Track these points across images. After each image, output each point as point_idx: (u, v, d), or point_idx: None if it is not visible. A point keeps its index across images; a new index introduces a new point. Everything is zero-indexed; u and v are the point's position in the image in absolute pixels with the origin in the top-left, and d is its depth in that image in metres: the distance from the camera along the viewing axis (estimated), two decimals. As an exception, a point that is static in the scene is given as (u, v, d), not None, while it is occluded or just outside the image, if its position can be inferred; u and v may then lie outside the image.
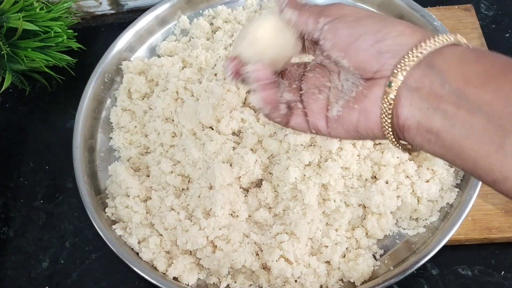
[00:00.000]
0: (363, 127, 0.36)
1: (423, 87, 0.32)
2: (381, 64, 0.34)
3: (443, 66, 0.32)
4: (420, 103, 0.32)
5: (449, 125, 0.31)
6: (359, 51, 0.34)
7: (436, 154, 0.33)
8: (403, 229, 0.56)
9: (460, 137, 0.31)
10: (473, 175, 0.32)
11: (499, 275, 0.56)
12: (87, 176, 0.59)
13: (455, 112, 0.31)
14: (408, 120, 0.33)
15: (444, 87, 0.31)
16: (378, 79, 0.34)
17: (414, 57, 0.32)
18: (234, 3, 0.71)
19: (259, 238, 0.54)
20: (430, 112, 0.32)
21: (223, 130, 0.58)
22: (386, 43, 0.33)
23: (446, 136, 0.31)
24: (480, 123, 0.30)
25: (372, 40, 0.34)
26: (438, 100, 0.31)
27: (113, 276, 0.59)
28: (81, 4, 0.76)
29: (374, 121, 0.35)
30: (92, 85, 0.64)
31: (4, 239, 0.63)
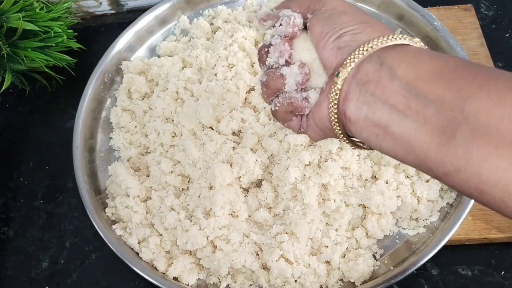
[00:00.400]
0: (317, 118, 0.36)
1: (372, 82, 0.32)
2: (338, 60, 0.34)
3: (394, 62, 0.32)
4: (367, 97, 0.33)
5: (399, 119, 0.31)
6: (324, 48, 0.35)
7: (384, 150, 0.33)
8: (403, 229, 0.56)
9: (411, 130, 0.31)
10: (423, 169, 0.32)
11: (499, 275, 0.56)
12: (87, 176, 0.59)
13: (405, 106, 0.31)
14: (354, 114, 0.33)
15: (394, 82, 0.31)
16: (333, 75, 0.35)
17: (364, 50, 0.33)
18: (234, 3, 0.71)
19: (259, 238, 0.54)
20: (378, 106, 0.32)
21: (223, 130, 0.58)
22: (345, 39, 0.34)
23: (396, 130, 0.31)
24: (431, 116, 0.30)
25: (335, 36, 0.35)
26: (387, 94, 0.32)
27: (113, 276, 0.59)
28: (81, 4, 0.76)
29: (323, 112, 0.36)
30: (92, 85, 0.64)
31: (4, 239, 0.63)
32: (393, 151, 0.33)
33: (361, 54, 0.33)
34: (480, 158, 0.28)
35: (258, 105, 0.60)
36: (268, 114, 0.59)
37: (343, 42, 0.34)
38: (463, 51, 0.60)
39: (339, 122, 0.35)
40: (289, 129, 0.41)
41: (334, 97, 0.34)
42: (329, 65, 0.35)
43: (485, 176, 0.28)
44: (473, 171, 0.28)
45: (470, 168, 0.28)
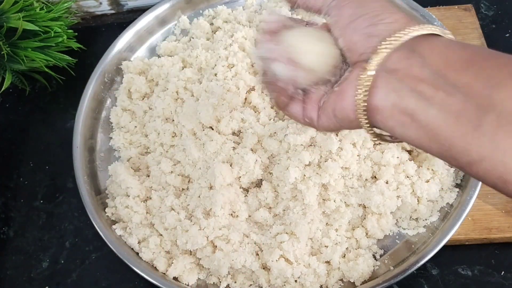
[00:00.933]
0: (339, 109, 0.35)
1: (401, 69, 0.32)
2: (366, 47, 0.34)
3: (425, 51, 0.32)
4: (396, 84, 0.32)
5: (425, 106, 0.31)
6: (354, 32, 0.35)
7: (409, 139, 0.33)
8: (403, 229, 0.56)
9: (437, 118, 0.30)
10: (446, 158, 0.31)
11: (499, 275, 0.56)
12: (87, 176, 0.59)
13: (433, 93, 0.30)
14: (382, 101, 0.33)
15: (423, 70, 0.31)
16: (361, 62, 0.34)
17: (398, 37, 0.32)
18: (234, 3, 0.71)
19: (259, 238, 0.54)
20: (406, 93, 0.32)
21: (223, 130, 0.58)
22: (378, 28, 0.34)
23: (422, 118, 0.31)
24: (458, 104, 0.29)
25: (368, 22, 0.34)
26: (415, 82, 0.31)
27: (113, 276, 0.59)
28: (81, 4, 0.76)
29: (347, 102, 0.35)
30: (92, 85, 0.64)
31: (4, 239, 0.63)
32: (418, 140, 0.32)
33: (395, 41, 0.32)
34: (506, 147, 0.27)
35: (258, 105, 0.60)
36: (268, 114, 0.59)
37: (377, 31, 0.33)
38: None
39: (366, 112, 0.34)
40: (293, 119, 0.40)
41: (364, 84, 0.33)
42: (354, 49, 0.35)
43: (510, 165, 0.28)
44: (498, 160, 0.28)
45: (495, 157, 0.28)
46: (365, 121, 0.35)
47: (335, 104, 0.36)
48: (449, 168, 0.56)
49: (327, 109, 0.37)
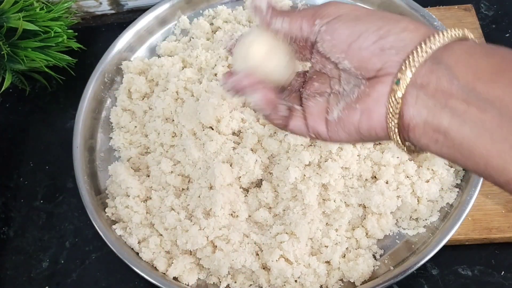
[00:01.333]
0: (365, 127, 0.34)
1: (430, 84, 0.30)
2: (384, 62, 0.32)
3: (451, 61, 0.30)
4: (426, 100, 0.31)
5: (458, 123, 0.29)
6: (360, 50, 0.33)
7: (444, 156, 0.32)
8: (403, 229, 0.56)
9: (471, 135, 0.29)
10: (484, 177, 0.30)
11: (499, 275, 0.56)
12: (87, 176, 0.59)
13: (465, 109, 0.29)
14: (413, 119, 0.31)
15: (452, 83, 0.30)
16: (382, 77, 0.33)
17: (424, 52, 0.31)
18: (234, 3, 0.71)
19: (259, 238, 0.54)
20: (438, 110, 0.30)
21: (223, 130, 0.58)
22: (389, 40, 0.32)
23: (455, 135, 0.30)
24: (492, 120, 0.28)
25: (374, 37, 0.32)
26: (446, 97, 0.30)
27: (113, 276, 0.59)
28: (81, 4, 0.76)
29: (377, 121, 0.33)
30: (92, 85, 0.64)
31: (4, 239, 0.63)
32: (453, 157, 0.31)
33: (421, 57, 0.31)
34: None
35: (258, 105, 0.60)
36: (268, 114, 0.59)
37: (388, 43, 0.32)
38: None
39: (399, 130, 0.33)
40: (298, 135, 0.39)
41: (395, 106, 0.32)
42: (368, 66, 0.33)
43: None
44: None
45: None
46: (397, 139, 0.33)
47: (361, 122, 0.34)
48: (449, 168, 0.56)
49: (348, 126, 0.35)
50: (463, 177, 0.56)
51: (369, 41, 0.33)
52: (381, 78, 0.33)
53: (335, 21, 0.34)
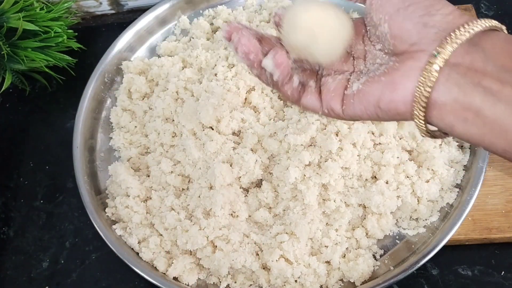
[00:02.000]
0: (387, 100, 0.34)
1: (463, 63, 0.31)
2: (421, 37, 0.32)
3: (487, 45, 0.31)
4: (458, 78, 0.31)
5: (492, 102, 0.30)
6: (405, 19, 0.33)
7: (469, 135, 0.32)
8: (403, 229, 0.56)
9: (505, 113, 0.29)
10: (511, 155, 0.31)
11: (499, 275, 0.56)
12: (87, 176, 0.59)
13: (499, 89, 0.30)
14: (442, 97, 0.32)
15: (487, 64, 0.30)
16: (413, 52, 0.33)
17: (466, 32, 0.31)
18: (234, 3, 0.71)
19: (259, 238, 0.54)
20: (469, 88, 0.30)
21: (223, 130, 0.58)
22: (435, 18, 0.32)
23: (489, 113, 0.30)
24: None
25: (422, 11, 0.33)
26: (479, 76, 0.30)
27: (113, 276, 0.59)
28: (81, 4, 0.76)
29: (401, 95, 0.33)
30: (92, 85, 0.64)
31: (4, 239, 0.63)
32: (481, 137, 0.31)
33: (463, 35, 0.31)
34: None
35: (258, 105, 0.60)
36: (268, 114, 0.59)
37: (433, 21, 0.32)
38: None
39: (425, 106, 0.32)
40: (309, 111, 0.38)
41: (428, 80, 0.31)
42: (405, 37, 0.33)
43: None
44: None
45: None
46: (421, 116, 0.33)
47: (382, 95, 0.34)
48: (449, 168, 0.56)
49: (367, 99, 0.35)
50: (463, 177, 0.56)
51: (417, 13, 0.33)
52: (412, 53, 0.33)
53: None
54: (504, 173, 0.59)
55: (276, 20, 0.38)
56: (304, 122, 0.55)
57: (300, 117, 0.56)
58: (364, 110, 0.35)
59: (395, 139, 0.57)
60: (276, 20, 0.38)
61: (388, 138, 0.56)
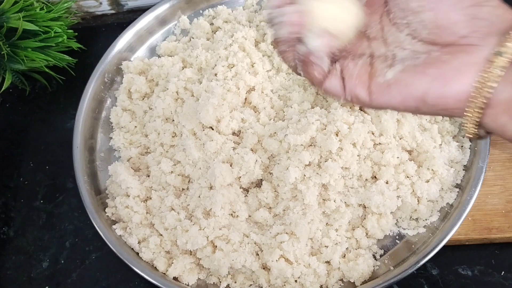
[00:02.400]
0: (435, 95, 0.32)
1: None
2: (471, 30, 0.31)
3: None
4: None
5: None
6: (452, 9, 0.32)
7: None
8: (403, 229, 0.56)
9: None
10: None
11: (499, 275, 0.56)
12: (87, 176, 0.59)
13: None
14: (498, 95, 0.30)
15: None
16: (465, 46, 0.31)
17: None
18: (234, 3, 0.71)
19: (259, 238, 0.54)
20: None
21: (223, 130, 0.58)
22: (484, 10, 0.31)
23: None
24: None
25: (470, 1, 0.31)
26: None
27: (113, 276, 0.59)
28: (81, 4, 0.76)
29: (454, 90, 0.31)
30: (92, 85, 0.64)
31: (4, 239, 0.63)
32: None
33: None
34: None
35: (258, 105, 0.60)
36: (268, 114, 0.59)
37: (483, 13, 0.31)
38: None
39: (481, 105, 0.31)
40: (331, 96, 0.37)
41: (491, 78, 0.30)
42: (452, 29, 0.32)
43: None
44: None
45: None
46: (476, 116, 0.32)
47: (431, 88, 0.32)
48: (449, 168, 0.56)
49: (409, 90, 0.33)
50: (463, 177, 0.56)
51: (464, 4, 0.32)
52: (464, 47, 0.32)
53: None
54: (504, 173, 0.59)
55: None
56: (304, 122, 0.55)
57: (300, 117, 0.56)
58: (401, 102, 0.34)
59: (395, 139, 0.57)
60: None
61: (388, 138, 0.56)
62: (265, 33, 0.65)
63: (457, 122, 0.59)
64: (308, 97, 0.59)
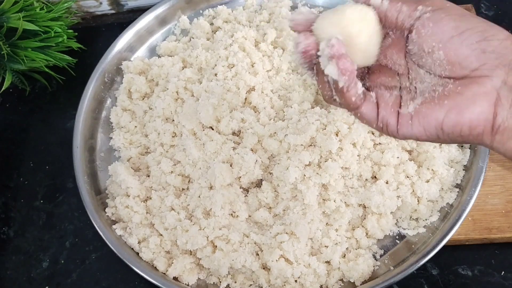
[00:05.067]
0: (451, 123, 0.34)
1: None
2: (482, 63, 0.33)
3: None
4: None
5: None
6: (461, 46, 0.34)
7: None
8: (403, 229, 0.56)
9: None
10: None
11: (499, 275, 0.56)
12: (87, 176, 0.59)
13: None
14: (506, 122, 0.33)
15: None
16: (476, 78, 0.34)
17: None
18: (234, 3, 0.71)
19: (259, 238, 0.54)
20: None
21: (223, 130, 0.58)
22: (492, 44, 0.33)
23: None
24: None
25: (478, 37, 0.33)
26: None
27: (113, 276, 0.59)
28: (81, 4, 0.76)
29: (468, 118, 0.34)
30: (92, 85, 0.64)
31: (4, 239, 0.63)
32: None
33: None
34: None
35: (258, 105, 0.60)
36: (268, 114, 0.59)
37: (491, 47, 0.33)
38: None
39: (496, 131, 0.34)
40: (364, 122, 0.38)
41: (500, 106, 0.33)
42: (465, 64, 0.34)
43: None
44: None
45: None
46: (490, 141, 0.34)
47: (447, 118, 0.34)
48: (449, 168, 0.56)
49: (428, 121, 0.35)
50: (463, 177, 0.56)
51: (473, 39, 0.34)
52: (475, 79, 0.34)
53: (441, 11, 0.35)
54: (504, 173, 0.59)
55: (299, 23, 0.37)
56: (304, 122, 0.55)
57: (300, 117, 0.56)
58: (423, 132, 0.36)
59: (395, 139, 0.57)
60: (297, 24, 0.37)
61: (388, 138, 0.56)
62: (265, 33, 0.65)
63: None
64: (308, 97, 0.59)
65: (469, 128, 0.34)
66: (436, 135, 0.36)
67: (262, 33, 0.66)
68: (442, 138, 0.36)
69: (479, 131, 0.34)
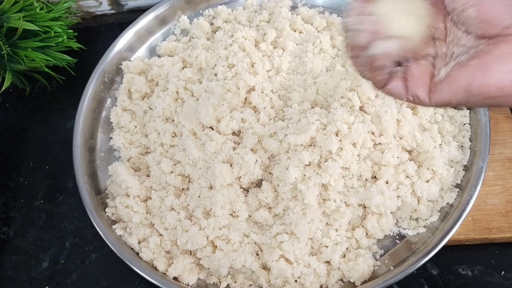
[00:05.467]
0: (478, 84, 0.33)
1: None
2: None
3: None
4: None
5: None
6: (493, 2, 0.33)
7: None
8: (403, 229, 0.56)
9: None
10: None
11: (499, 275, 0.56)
12: (87, 176, 0.59)
13: None
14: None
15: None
16: (507, 36, 0.33)
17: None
18: (234, 3, 0.71)
19: (259, 238, 0.54)
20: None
21: (223, 130, 0.58)
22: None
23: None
24: None
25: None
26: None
27: (113, 276, 0.59)
28: (81, 4, 0.76)
29: (495, 79, 0.33)
30: (92, 85, 0.64)
31: (4, 239, 0.63)
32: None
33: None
34: None
35: (258, 105, 0.60)
36: (268, 114, 0.59)
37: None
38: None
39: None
40: (393, 97, 0.38)
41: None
42: (495, 21, 0.33)
43: None
44: None
45: None
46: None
47: (474, 78, 0.34)
48: (449, 168, 0.56)
49: (457, 83, 0.34)
50: (463, 177, 0.56)
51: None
52: (506, 37, 0.33)
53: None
54: (504, 173, 0.59)
55: None
56: (304, 122, 0.55)
57: (300, 117, 0.56)
58: (453, 95, 0.35)
59: (395, 139, 0.57)
60: None
61: (388, 138, 0.56)
62: (265, 33, 0.65)
63: (457, 122, 0.59)
64: (308, 97, 0.59)
65: (496, 89, 0.33)
66: (466, 98, 0.35)
67: (262, 33, 0.66)
68: (473, 101, 0.35)
69: (508, 92, 0.33)
